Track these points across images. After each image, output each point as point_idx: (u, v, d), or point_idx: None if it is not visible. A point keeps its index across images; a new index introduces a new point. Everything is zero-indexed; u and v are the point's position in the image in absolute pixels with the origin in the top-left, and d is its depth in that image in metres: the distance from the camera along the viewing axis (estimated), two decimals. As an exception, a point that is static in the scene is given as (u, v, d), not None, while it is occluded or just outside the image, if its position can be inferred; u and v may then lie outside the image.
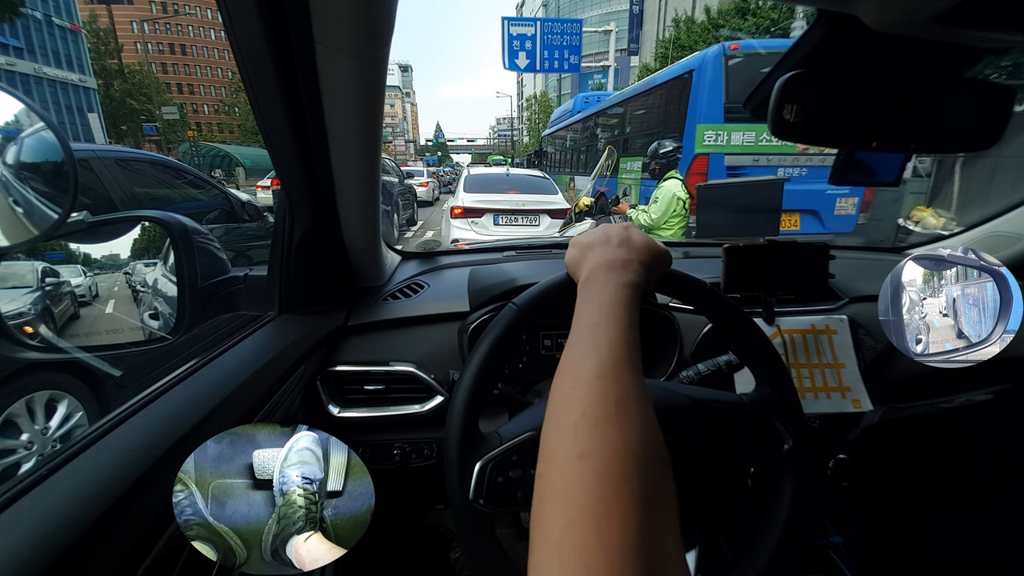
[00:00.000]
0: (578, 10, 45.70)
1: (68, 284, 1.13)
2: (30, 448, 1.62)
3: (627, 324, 0.38)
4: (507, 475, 0.48)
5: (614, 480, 0.27)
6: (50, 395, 1.67)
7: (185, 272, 0.68)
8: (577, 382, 0.33)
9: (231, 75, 60.06)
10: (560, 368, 0.36)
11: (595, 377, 0.33)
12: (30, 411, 1.65)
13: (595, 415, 0.30)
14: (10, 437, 1.60)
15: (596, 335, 0.37)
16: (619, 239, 0.48)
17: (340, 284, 0.89)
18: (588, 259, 0.47)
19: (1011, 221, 1.03)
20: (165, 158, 3.88)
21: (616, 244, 0.47)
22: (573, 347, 0.37)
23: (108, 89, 41.04)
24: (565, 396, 0.33)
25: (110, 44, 42.36)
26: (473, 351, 0.51)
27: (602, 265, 0.44)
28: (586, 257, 0.47)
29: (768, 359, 0.56)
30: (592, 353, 0.35)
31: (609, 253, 0.46)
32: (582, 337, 0.38)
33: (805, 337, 0.89)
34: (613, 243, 0.47)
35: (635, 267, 0.44)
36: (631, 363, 0.35)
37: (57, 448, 0.42)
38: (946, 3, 0.35)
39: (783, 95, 0.45)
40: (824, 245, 0.83)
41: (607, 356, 0.35)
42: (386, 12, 0.47)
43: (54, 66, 35.58)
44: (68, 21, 36.80)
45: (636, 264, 0.45)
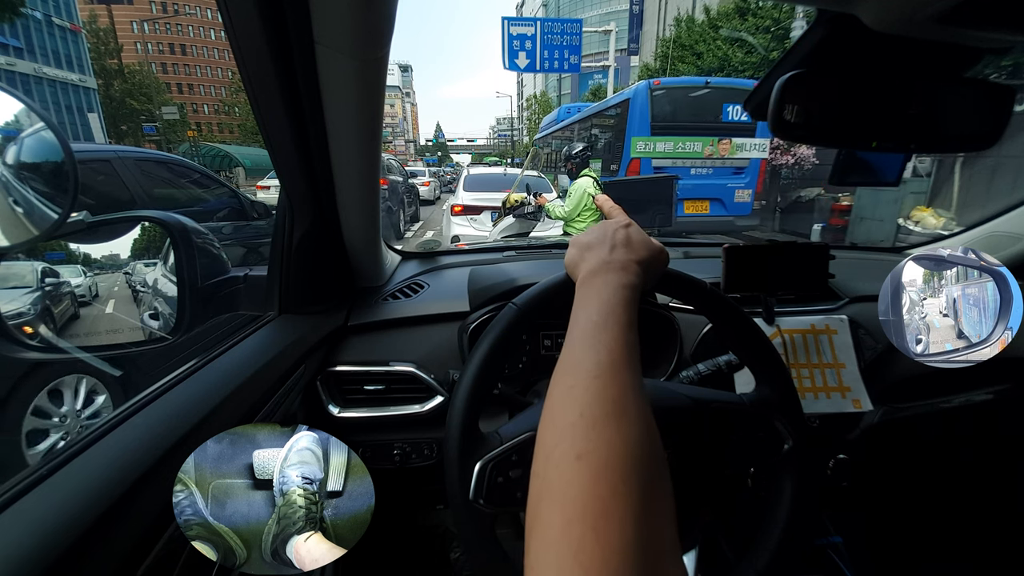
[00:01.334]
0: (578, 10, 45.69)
1: (68, 284, 1.13)
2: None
3: (626, 324, 0.38)
4: (507, 475, 0.48)
5: (612, 481, 0.27)
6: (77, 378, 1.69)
7: (185, 272, 0.68)
8: (575, 382, 0.33)
9: (231, 75, 59.92)
10: (558, 367, 0.36)
11: (593, 377, 0.33)
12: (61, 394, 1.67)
13: (593, 415, 0.30)
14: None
15: (595, 335, 0.37)
16: (618, 239, 0.48)
17: (340, 284, 0.89)
18: (587, 260, 0.47)
19: (1011, 221, 1.03)
20: (181, 159, 3.94)
21: (615, 245, 0.47)
22: (571, 346, 0.37)
23: (108, 89, 40.87)
24: (563, 396, 0.33)
25: (110, 44, 42.16)
26: (473, 351, 0.51)
27: (601, 266, 0.44)
28: (585, 258, 0.47)
29: (768, 359, 0.56)
30: (590, 353, 0.35)
31: (608, 254, 0.46)
32: (581, 337, 0.37)
33: (805, 337, 0.89)
34: (612, 244, 0.48)
35: (633, 268, 0.45)
36: (630, 363, 0.35)
37: (57, 448, 0.42)
38: (946, 3, 0.35)
39: (783, 95, 0.45)
40: (824, 245, 0.83)
41: (605, 356, 0.34)
42: (386, 12, 0.47)
43: (54, 66, 35.48)
44: (68, 21, 36.68)
45: (635, 265, 0.45)
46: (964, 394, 0.94)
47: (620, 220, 0.52)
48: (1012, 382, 0.94)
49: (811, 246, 0.83)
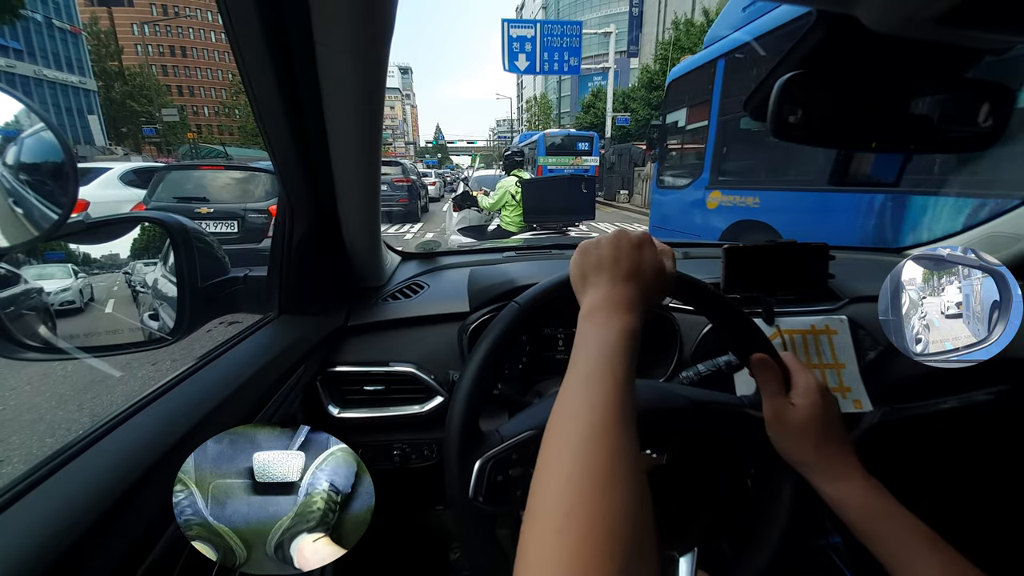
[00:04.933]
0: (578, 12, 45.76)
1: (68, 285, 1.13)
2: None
3: (623, 378, 0.37)
4: (507, 473, 0.48)
5: (594, 553, 0.27)
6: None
7: (185, 273, 0.68)
8: (567, 444, 0.33)
9: (231, 77, 59.85)
10: (552, 419, 0.36)
11: (584, 440, 0.33)
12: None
13: (581, 482, 0.30)
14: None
15: (590, 388, 0.36)
16: (628, 267, 0.45)
17: (340, 284, 0.89)
18: (593, 286, 0.45)
19: (1010, 221, 1.03)
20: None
21: (624, 274, 0.44)
22: (566, 397, 0.37)
23: (109, 91, 40.74)
24: (553, 457, 0.33)
25: (111, 46, 41.98)
26: (473, 351, 0.51)
27: (605, 302, 0.42)
28: (590, 281, 0.45)
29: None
30: (584, 410, 0.35)
31: (613, 287, 0.44)
32: (576, 386, 0.37)
33: (805, 337, 0.89)
34: (620, 271, 0.45)
35: (639, 308, 0.43)
36: (623, 423, 0.34)
37: (57, 448, 0.42)
38: (945, 4, 0.35)
39: (783, 96, 0.45)
40: (824, 246, 0.83)
41: (599, 416, 0.34)
42: (387, 11, 0.47)
43: (54, 68, 35.45)
44: (68, 23, 36.63)
45: (640, 304, 0.43)
46: (964, 395, 0.94)
47: (633, 237, 0.47)
48: (1012, 383, 0.94)
49: (811, 246, 0.83)
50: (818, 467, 0.49)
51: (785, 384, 0.52)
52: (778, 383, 0.51)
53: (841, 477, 0.48)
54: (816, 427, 0.48)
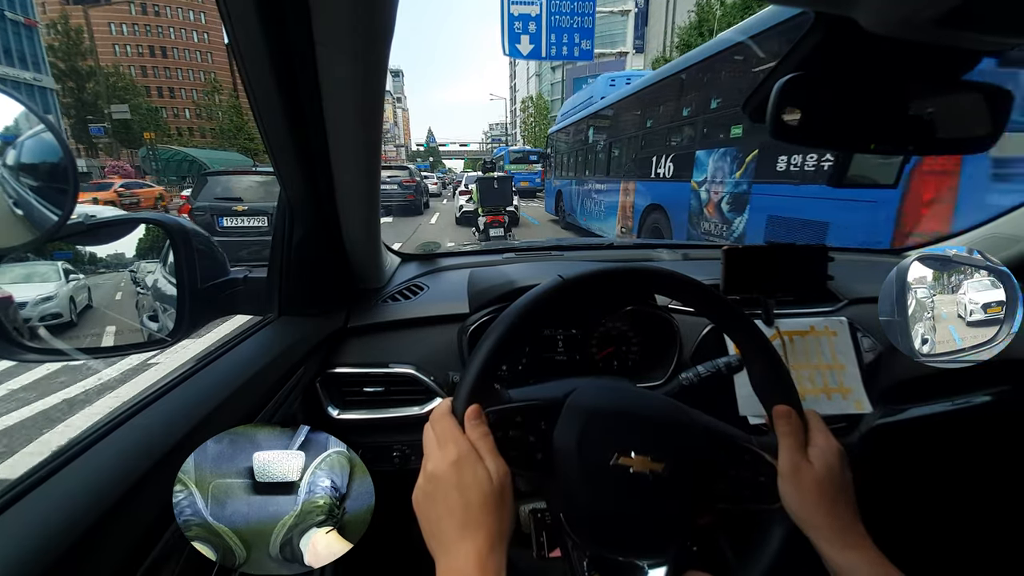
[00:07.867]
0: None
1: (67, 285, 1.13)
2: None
3: None
4: (507, 432, 0.48)
5: None
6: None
7: (184, 274, 0.68)
8: None
9: (203, 77, 56.49)
10: None
11: None
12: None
13: None
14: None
15: None
16: (440, 511, 0.42)
17: (340, 286, 0.89)
18: (434, 540, 0.42)
19: (1011, 222, 1.03)
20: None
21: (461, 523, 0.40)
22: None
23: (81, 92, 38.07)
24: None
25: (83, 44, 38.45)
26: (474, 352, 0.51)
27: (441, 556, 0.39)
28: (437, 544, 0.41)
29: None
30: None
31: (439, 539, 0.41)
32: None
33: (805, 338, 0.89)
34: (439, 513, 0.41)
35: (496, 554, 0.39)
36: None
37: (58, 449, 0.42)
38: (943, 6, 0.35)
39: (781, 98, 0.45)
40: (823, 247, 0.83)
41: None
42: (388, 10, 0.47)
43: (4, 63, 32.55)
44: (22, 15, 33.84)
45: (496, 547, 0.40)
46: (964, 396, 0.94)
47: (439, 458, 0.43)
48: (1012, 384, 0.94)
49: (810, 248, 0.83)
50: (828, 532, 0.47)
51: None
52: (800, 438, 0.50)
53: (852, 546, 0.46)
54: (832, 491, 0.47)
